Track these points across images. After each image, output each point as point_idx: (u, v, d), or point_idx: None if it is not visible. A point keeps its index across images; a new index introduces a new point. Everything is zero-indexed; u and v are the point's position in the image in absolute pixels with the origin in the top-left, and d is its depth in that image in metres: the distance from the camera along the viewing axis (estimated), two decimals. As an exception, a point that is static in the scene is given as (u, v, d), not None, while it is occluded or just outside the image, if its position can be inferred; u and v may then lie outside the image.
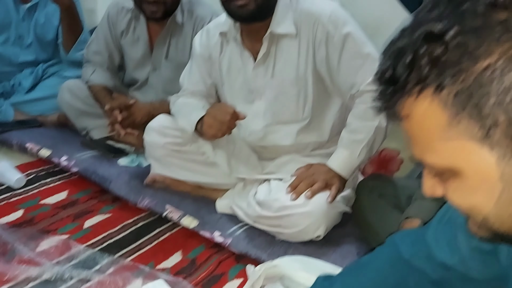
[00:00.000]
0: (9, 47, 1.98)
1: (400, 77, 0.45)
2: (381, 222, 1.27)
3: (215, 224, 1.39)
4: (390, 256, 0.79)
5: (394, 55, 0.46)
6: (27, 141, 1.78)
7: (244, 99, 1.43)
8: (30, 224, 1.38)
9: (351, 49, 1.28)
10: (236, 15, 1.30)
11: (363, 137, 1.31)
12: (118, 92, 1.90)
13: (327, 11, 1.29)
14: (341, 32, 1.28)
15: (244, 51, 1.39)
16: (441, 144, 0.46)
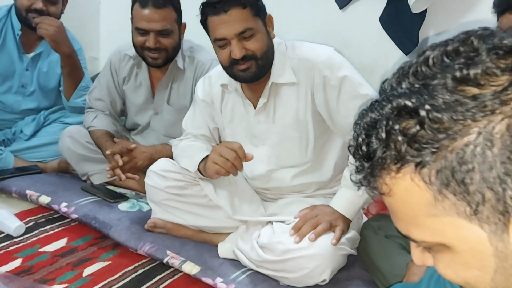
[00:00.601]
0: (12, 96, 2.00)
1: (376, 153, 0.44)
2: (388, 264, 1.24)
3: (217, 269, 1.36)
4: None
5: (367, 128, 0.45)
6: (27, 188, 1.76)
7: (250, 143, 1.44)
8: (28, 273, 1.34)
9: (348, 91, 1.30)
10: (239, 78, 1.34)
11: None
12: (119, 136, 1.92)
13: (323, 56, 1.32)
14: (337, 75, 1.30)
15: (246, 100, 1.41)
16: (428, 220, 0.43)
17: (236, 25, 1.25)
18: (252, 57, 1.28)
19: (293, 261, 1.24)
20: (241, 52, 1.27)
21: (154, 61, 1.73)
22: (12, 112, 2.03)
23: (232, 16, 1.25)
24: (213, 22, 1.28)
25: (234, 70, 1.31)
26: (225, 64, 1.32)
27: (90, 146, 1.86)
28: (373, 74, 1.86)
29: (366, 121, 0.45)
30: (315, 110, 1.36)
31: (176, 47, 1.75)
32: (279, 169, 1.44)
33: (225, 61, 1.31)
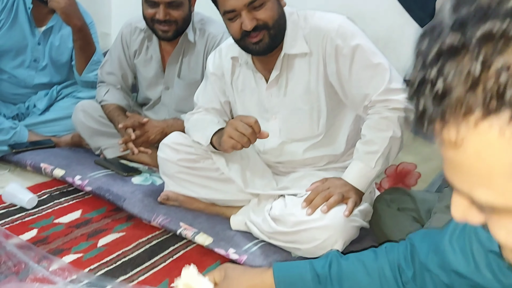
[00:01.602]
0: (25, 70, 2.01)
1: (454, 91, 0.33)
2: (401, 237, 1.23)
3: (229, 241, 1.37)
4: (408, 252, 0.77)
5: (443, 55, 0.33)
6: (41, 162, 1.79)
7: (261, 117, 1.42)
8: (44, 243, 1.37)
9: (361, 60, 1.28)
10: (252, 51, 1.31)
11: (377, 148, 1.29)
12: (131, 111, 1.92)
13: (335, 25, 1.29)
14: (350, 44, 1.28)
15: (257, 73, 1.39)
16: (505, 182, 0.35)
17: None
18: (263, 27, 1.26)
19: (305, 232, 1.24)
20: (252, 22, 1.24)
21: (164, 34, 1.71)
22: (25, 86, 2.04)
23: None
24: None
25: (246, 43, 1.29)
26: (237, 37, 1.29)
27: (102, 120, 1.87)
28: (387, 46, 1.82)
29: (441, 46, 0.33)
30: (327, 81, 1.34)
31: (187, 19, 1.73)
32: (290, 142, 1.43)
33: (236, 34, 1.29)
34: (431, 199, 1.31)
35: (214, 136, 1.38)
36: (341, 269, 0.79)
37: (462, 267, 0.68)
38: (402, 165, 1.69)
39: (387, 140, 1.28)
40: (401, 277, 0.74)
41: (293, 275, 0.81)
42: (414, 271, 0.73)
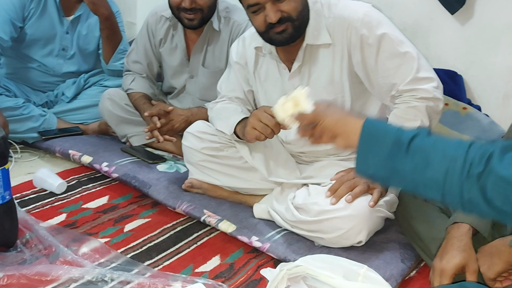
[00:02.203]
0: (53, 59, 2.05)
1: None
2: (427, 228, 1.22)
3: (253, 229, 1.38)
4: (487, 153, 0.75)
5: None
6: (70, 148, 1.83)
7: None
8: (73, 227, 1.41)
9: (388, 49, 1.25)
10: (276, 42, 1.30)
11: None
12: (157, 100, 1.94)
13: (360, 14, 1.27)
14: (375, 33, 1.25)
15: (280, 63, 1.39)
16: None
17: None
18: (288, 19, 1.24)
19: (329, 222, 1.24)
20: (277, 15, 1.23)
21: (190, 22, 1.72)
22: (54, 74, 2.08)
23: None
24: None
25: (270, 34, 1.28)
26: (261, 29, 1.28)
27: (129, 108, 1.89)
28: (415, 35, 1.78)
29: None
30: (352, 71, 1.32)
31: (212, 7, 1.73)
32: None
33: (260, 27, 1.28)
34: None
35: (237, 126, 1.38)
36: (421, 145, 0.80)
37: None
38: (429, 156, 1.66)
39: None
40: (468, 170, 0.74)
41: (379, 130, 0.84)
42: (483, 170, 0.72)
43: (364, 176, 0.87)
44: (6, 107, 1.83)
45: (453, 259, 1.03)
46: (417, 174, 0.79)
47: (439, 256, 1.07)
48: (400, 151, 0.79)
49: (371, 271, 1.10)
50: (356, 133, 0.84)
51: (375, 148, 0.82)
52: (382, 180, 0.87)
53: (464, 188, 0.74)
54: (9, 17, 1.87)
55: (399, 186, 0.87)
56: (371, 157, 0.83)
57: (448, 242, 1.08)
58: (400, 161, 0.79)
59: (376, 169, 0.83)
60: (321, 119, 0.91)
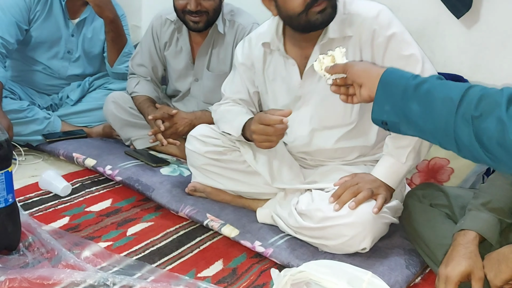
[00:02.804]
0: (58, 61, 2.06)
1: None
2: (433, 233, 1.21)
3: (256, 233, 1.37)
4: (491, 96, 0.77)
5: None
6: (74, 151, 1.83)
7: (290, 107, 1.41)
8: (75, 230, 1.40)
9: (394, 50, 1.25)
10: (314, 22, 1.25)
11: (408, 142, 1.26)
12: (161, 103, 1.94)
13: (374, 12, 1.27)
14: (385, 34, 1.25)
15: (288, 60, 1.37)
16: None
17: None
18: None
19: (332, 229, 1.22)
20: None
21: (195, 25, 1.72)
22: (59, 77, 2.09)
23: None
24: None
25: (310, 15, 1.22)
26: (300, 8, 1.22)
27: (133, 111, 1.89)
28: (421, 39, 1.77)
29: None
30: None
31: (217, 10, 1.73)
32: (321, 130, 1.40)
33: (300, 5, 1.22)
34: (465, 196, 1.26)
35: (244, 126, 1.37)
36: (427, 89, 0.83)
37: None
38: (434, 160, 1.65)
39: None
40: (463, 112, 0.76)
41: (395, 78, 0.88)
42: (480, 114, 0.74)
43: (378, 124, 0.91)
44: (11, 110, 1.84)
45: (459, 266, 1.02)
46: (422, 117, 0.82)
47: (444, 263, 1.06)
48: (409, 96, 0.82)
49: (375, 278, 1.08)
50: (377, 81, 0.88)
51: (389, 95, 0.86)
52: (394, 126, 0.89)
53: (457, 130, 0.76)
54: (15, 19, 1.88)
55: (409, 132, 0.89)
56: (385, 103, 0.86)
57: (454, 249, 1.06)
58: (409, 105, 0.83)
59: (389, 115, 0.86)
60: (350, 68, 0.97)
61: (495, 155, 0.74)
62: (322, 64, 1.08)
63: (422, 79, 0.84)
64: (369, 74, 0.93)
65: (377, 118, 0.90)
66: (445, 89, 0.80)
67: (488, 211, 1.09)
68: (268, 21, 1.42)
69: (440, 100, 0.80)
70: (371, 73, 0.92)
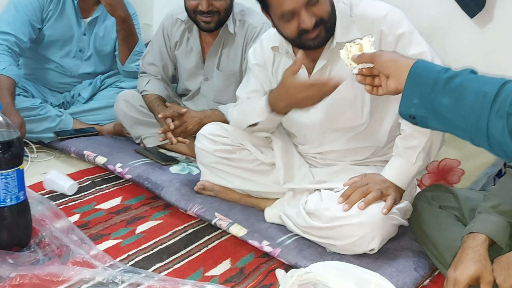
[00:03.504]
0: (71, 60, 2.08)
1: None
2: (442, 236, 1.20)
3: (264, 233, 1.37)
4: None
5: None
6: (85, 149, 1.85)
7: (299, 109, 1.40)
8: (85, 228, 1.42)
9: (403, 49, 1.24)
10: (310, 47, 1.27)
11: (418, 143, 1.25)
12: (171, 102, 1.95)
13: (383, 13, 1.26)
14: (395, 33, 1.24)
15: None
16: None
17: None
18: (321, 22, 1.22)
19: (341, 229, 1.22)
20: (312, 20, 1.20)
21: (206, 25, 1.72)
22: (71, 75, 2.11)
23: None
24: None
25: (303, 40, 1.24)
26: (293, 36, 1.25)
27: (143, 110, 1.90)
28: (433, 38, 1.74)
29: None
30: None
31: (228, 10, 1.73)
32: (332, 132, 1.39)
33: (293, 34, 1.24)
34: (476, 198, 1.25)
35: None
36: (459, 82, 0.80)
37: None
38: (445, 161, 1.63)
39: (427, 134, 1.23)
40: (498, 108, 0.74)
41: (425, 70, 0.85)
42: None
43: (406, 118, 0.88)
44: (24, 107, 1.86)
45: (468, 269, 1.01)
46: (452, 112, 0.78)
47: (453, 266, 1.05)
48: (440, 89, 0.79)
49: (383, 280, 1.08)
50: (406, 73, 0.85)
51: (418, 87, 0.83)
52: (423, 120, 0.86)
53: (490, 126, 0.73)
54: (28, 18, 1.91)
55: (438, 126, 0.86)
56: (414, 96, 0.83)
57: (463, 252, 1.05)
58: (438, 99, 0.80)
59: (418, 109, 0.83)
60: (378, 58, 0.94)
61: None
62: (349, 53, 1.04)
63: (454, 72, 0.82)
64: (397, 65, 0.89)
65: (405, 112, 0.87)
66: (479, 83, 0.77)
67: (498, 214, 1.08)
68: None
69: (473, 94, 0.76)
70: (400, 64, 0.88)
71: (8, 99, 1.75)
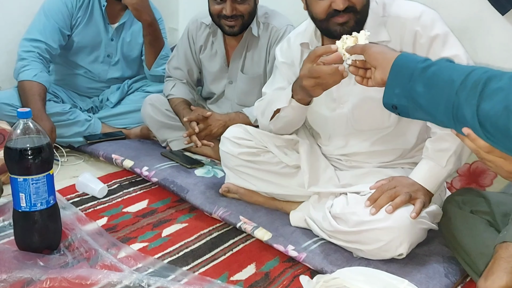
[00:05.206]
0: (99, 65, 2.12)
1: None
2: (473, 242, 1.16)
3: (289, 237, 1.35)
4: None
5: None
6: (113, 153, 1.88)
7: (327, 107, 1.38)
8: (113, 231, 1.44)
9: (437, 51, 1.21)
10: (334, 32, 1.24)
11: (449, 145, 1.21)
12: (196, 105, 1.96)
13: (416, 13, 1.23)
14: (429, 34, 1.21)
15: None
16: None
17: None
18: (352, 10, 1.20)
19: (368, 233, 1.19)
20: (345, 3, 1.18)
21: (231, 29, 1.73)
22: (100, 80, 2.15)
23: None
24: None
25: (330, 24, 1.22)
26: (322, 16, 1.22)
27: (169, 113, 1.92)
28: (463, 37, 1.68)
29: None
30: None
31: (252, 13, 1.73)
32: (358, 133, 1.37)
33: (322, 13, 1.22)
34: (508, 202, 1.21)
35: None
36: (434, 71, 0.84)
37: None
38: (476, 163, 1.58)
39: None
40: (467, 94, 0.78)
41: (407, 62, 0.89)
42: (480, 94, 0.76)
43: (389, 108, 0.92)
44: (54, 113, 1.91)
45: (499, 280, 0.97)
46: (426, 99, 0.82)
47: (484, 276, 1.01)
48: (416, 77, 0.84)
49: (412, 286, 1.05)
50: (390, 65, 0.89)
51: (400, 78, 0.87)
52: (404, 110, 0.90)
53: (459, 111, 0.77)
54: (58, 25, 1.95)
55: (417, 115, 0.90)
56: (396, 87, 0.87)
57: (495, 262, 1.01)
58: (415, 88, 0.84)
59: (399, 98, 0.87)
60: (368, 49, 0.98)
61: (496, 138, 0.75)
62: (345, 44, 1.08)
63: (431, 62, 0.85)
64: (384, 57, 0.93)
65: (388, 102, 0.91)
66: (449, 71, 0.81)
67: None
68: (306, 22, 1.40)
69: (443, 81, 0.81)
70: (387, 56, 0.93)
71: (39, 104, 1.79)
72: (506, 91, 0.72)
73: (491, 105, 0.73)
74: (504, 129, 0.72)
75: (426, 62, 0.86)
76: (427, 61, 0.86)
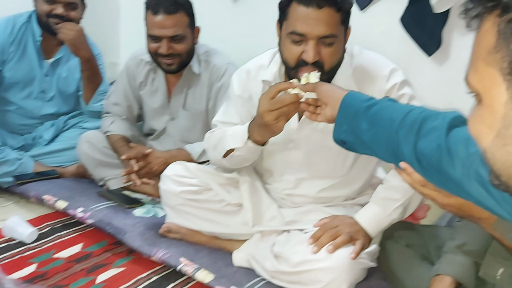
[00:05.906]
0: (32, 101, 2.02)
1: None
2: (409, 276, 1.19)
3: (231, 278, 1.32)
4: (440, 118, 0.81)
5: None
6: (44, 193, 1.77)
7: (282, 147, 1.37)
8: (43, 279, 1.34)
9: None
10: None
11: (399, 197, 1.26)
12: (136, 141, 1.91)
13: (386, 72, 1.26)
14: (397, 93, 1.25)
15: None
16: (481, 66, 0.49)
17: (323, 26, 1.13)
18: (321, 66, 1.16)
19: (308, 274, 1.19)
20: (315, 57, 1.14)
21: (168, 67, 1.72)
22: (32, 117, 2.05)
23: (323, 14, 1.12)
24: (299, 12, 1.14)
25: (299, 73, 1.15)
26: (291, 63, 1.18)
27: (107, 151, 1.86)
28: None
29: None
30: None
31: (190, 52, 1.73)
32: (309, 178, 1.38)
33: (292, 60, 1.18)
34: (441, 235, 1.25)
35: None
36: (376, 109, 0.88)
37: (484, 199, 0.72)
38: (412, 197, 1.64)
39: (410, 191, 1.23)
40: (406, 133, 0.81)
41: (354, 100, 0.93)
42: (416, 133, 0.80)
43: (338, 142, 0.96)
44: (-20, 152, 1.78)
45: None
46: (369, 136, 0.87)
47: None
48: (360, 115, 0.88)
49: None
50: (339, 103, 0.93)
51: (346, 116, 0.92)
52: (351, 145, 0.94)
53: (399, 150, 0.82)
54: (-14, 61, 1.86)
55: (363, 151, 0.94)
56: (343, 124, 0.92)
57: (430, 294, 1.04)
58: (359, 125, 0.88)
59: (346, 135, 0.92)
60: (318, 87, 1.03)
61: (431, 173, 0.80)
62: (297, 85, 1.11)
63: (374, 101, 0.91)
64: (333, 95, 0.98)
65: (337, 137, 0.95)
66: (390, 111, 0.87)
67: (464, 254, 1.08)
68: (269, 55, 1.36)
69: (384, 120, 0.86)
70: (336, 94, 0.97)
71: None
72: (439, 131, 0.77)
73: (426, 144, 0.77)
74: (437, 165, 0.76)
75: (369, 101, 0.90)
76: (371, 100, 0.91)
